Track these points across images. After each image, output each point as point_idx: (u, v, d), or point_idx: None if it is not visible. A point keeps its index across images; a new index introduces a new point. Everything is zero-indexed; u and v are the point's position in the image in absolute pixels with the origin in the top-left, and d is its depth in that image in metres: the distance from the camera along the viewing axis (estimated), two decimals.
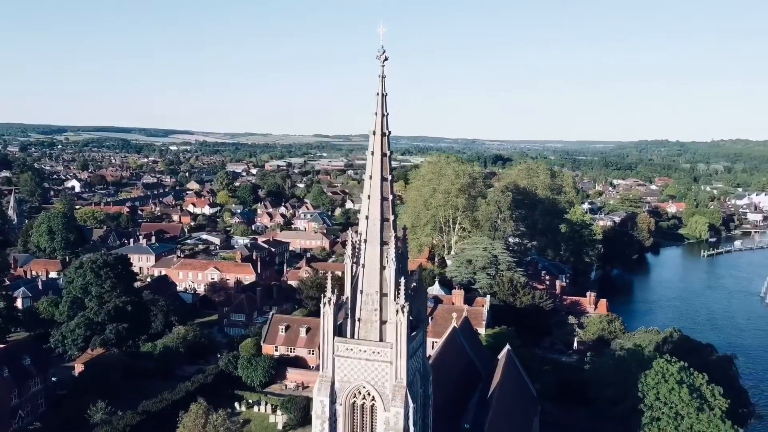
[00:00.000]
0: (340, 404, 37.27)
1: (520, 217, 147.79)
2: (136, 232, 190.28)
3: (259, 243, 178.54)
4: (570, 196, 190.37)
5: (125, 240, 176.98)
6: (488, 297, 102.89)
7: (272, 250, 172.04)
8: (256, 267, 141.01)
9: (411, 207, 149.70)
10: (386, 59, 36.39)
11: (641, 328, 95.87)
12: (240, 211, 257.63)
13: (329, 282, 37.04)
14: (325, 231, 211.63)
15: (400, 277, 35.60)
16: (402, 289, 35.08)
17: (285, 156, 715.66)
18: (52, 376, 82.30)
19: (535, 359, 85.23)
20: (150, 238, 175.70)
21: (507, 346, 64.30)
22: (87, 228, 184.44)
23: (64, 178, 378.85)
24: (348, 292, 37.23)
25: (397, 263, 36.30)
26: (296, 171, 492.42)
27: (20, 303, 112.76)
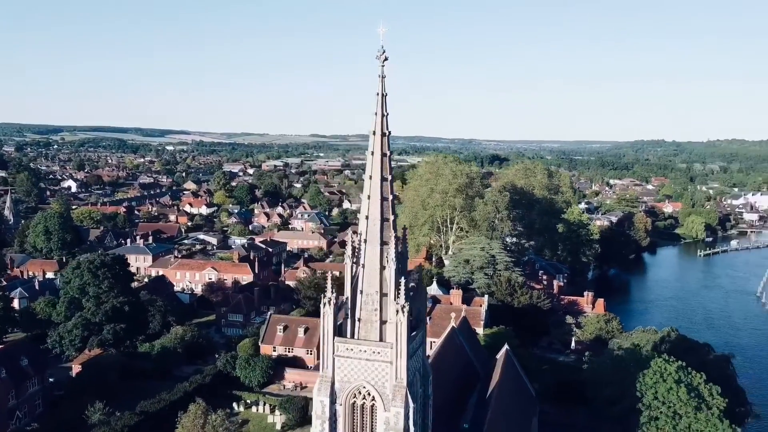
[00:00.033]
0: (340, 404, 37.26)
1: (517, 217, 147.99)
2: (133, 232, 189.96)
3: (256, 243, 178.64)
4: (567, 196, 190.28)
5: (122, 240, 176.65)
6: (486, 297, 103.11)
7: (269, 250, 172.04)
8: (254, 267, 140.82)
9: (408, 207, 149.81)
10: (386, 59, 36.48)
11: (639, 328, 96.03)
12: (237, 211, 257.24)
13: (329, 282, 37.06)
14: (323, 231, 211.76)
15: (400, 277, 35.62)
16: (402, 289, 35.10)
17: (282, 156, 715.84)
18: (49, 377, 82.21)
19: (533, 359, 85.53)
20: (147, 238, 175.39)
21: (505, 346, 64.28)
22: (84, 228, 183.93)
23: (61, 178, 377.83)
24: (348, 292, 37.20)
25: (397, 263, 36.32)
26: (293, 171, 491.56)
27: (17, 303, 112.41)
